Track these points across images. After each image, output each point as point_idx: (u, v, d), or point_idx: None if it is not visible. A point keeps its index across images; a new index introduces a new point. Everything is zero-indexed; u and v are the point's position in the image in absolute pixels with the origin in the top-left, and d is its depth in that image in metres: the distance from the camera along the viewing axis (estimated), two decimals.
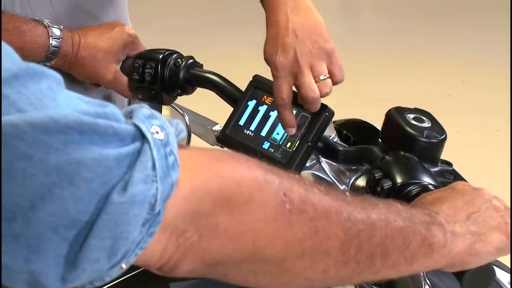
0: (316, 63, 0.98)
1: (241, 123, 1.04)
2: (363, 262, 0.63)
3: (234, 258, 0.56)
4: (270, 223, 0.56)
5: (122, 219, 0.47)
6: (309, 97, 0.97)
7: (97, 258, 0.48)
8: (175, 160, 0.50)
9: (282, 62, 0.98)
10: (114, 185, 0.47)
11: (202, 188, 0.52)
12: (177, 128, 0.53)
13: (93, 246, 0.47)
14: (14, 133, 0.44)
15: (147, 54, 1.15)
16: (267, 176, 0.56)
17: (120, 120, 0.49)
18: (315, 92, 0.97)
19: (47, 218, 0.45)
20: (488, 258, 0.74)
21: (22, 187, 0.44)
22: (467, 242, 0.72)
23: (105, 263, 0.48)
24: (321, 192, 0.61)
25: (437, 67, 4.08)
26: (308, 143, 0.98)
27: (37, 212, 0.45)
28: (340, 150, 1.02)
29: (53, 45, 1.11)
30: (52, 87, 0.47)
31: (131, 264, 0.50)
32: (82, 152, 0.45)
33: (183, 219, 0.51)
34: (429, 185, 0.85)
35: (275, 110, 1.02)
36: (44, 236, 0.46)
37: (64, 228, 0.46)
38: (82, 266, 0.48)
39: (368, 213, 0.63)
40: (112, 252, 0.48)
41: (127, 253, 0.49)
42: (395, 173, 0.86)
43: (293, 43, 0.99)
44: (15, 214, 0.44)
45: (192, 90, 1.14)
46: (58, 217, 0.45)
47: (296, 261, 0.59)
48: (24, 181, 0.44)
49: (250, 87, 1.06)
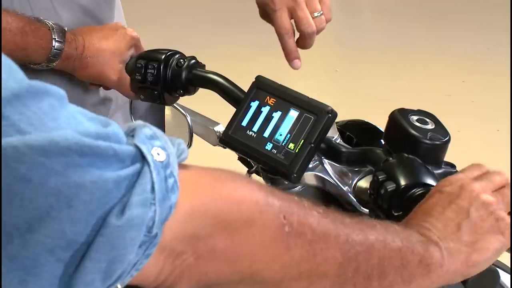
0: (311, 0, 1.05)
1: (243, 124, 1.04)
2: (360, 284, 0.63)
3: (230, 280, 0.56)
4: (269, 246, 0.56)
5: (118, 242, 0.47)
6: (308, 32, 1.04)
7: (92, 280, 0.48)
8: (174, 183, 0.50)
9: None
10: (112, 207, 0.47)
11: (201, 210, 0.52)
12: (178, 148, 0.53)
13: (88, 268, 0.47)
14: (13, 155, 0.43)
15: (149, 54, 1.15)
16: (268, 199, 0.56)
17: (121, 141, 0.49)
18: (313, 26, 1.04)
19: (44, 240, 0.45)
20: (488, 263, 0.74)
21: (20, 209, 0.44)
22: (463, 256, 0.70)
23: (100, 285, 0.48)
24: (320, 215, 0.60)
25: (437, 67, 4.08)
26: (311, 144, 0.98)
27: (34, 234, 0.45)
28: (343, 151, 1.01)
29: (55, 47, 1.11)
30: (54, 105, 0.47)
31: (125, 284, 0.50)
32: (81, 174, 0.45)
33: (180, 241, 0.51)
34: (433, 187, 0.85)
35: (278, 111, 1.02)
36: (40, 257, 0.45)
37: (60, 249, 0.46)
38: (76, 287, 0.47)
39: (366, 234, 0.63)
40: (107, 275, 0.48)
41: (123, 275, 0.49)
42: (399, 175, 0.86)
43: None
44: (12, 235, 0.44)
45: (194, 90, 1.14)
46: (54, 239, 0.45)
47: (293, 283, 0.59)
48: (22, 203, 0.44)
49: (252, 88, 1.06)
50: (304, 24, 1.04)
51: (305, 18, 1.04)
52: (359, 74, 3.97)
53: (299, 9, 1.04)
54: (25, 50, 1.09)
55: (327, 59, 3.85)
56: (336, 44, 4.32)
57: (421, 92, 3.62)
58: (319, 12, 1.05)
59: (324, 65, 3.93)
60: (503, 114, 3.29)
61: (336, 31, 4.63)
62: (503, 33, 4.30)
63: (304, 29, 1.03)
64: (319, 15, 1.05)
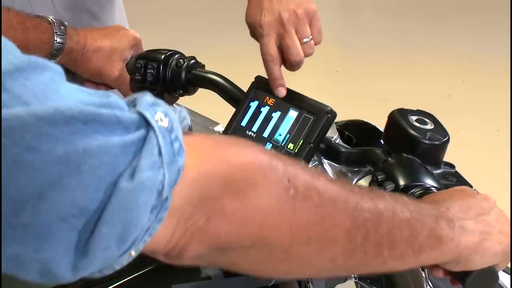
0: (301, 25, 1.01)
1: (243, 124, 1.04)
2: (371, 252, 0.63)
3: (241, 243, 0.56)
4: (275, 209, 0.56)
5: (131, 205, 0.47)
6: (296, 60, 1.00)
7: (108, 246, 0.48)
8: (180, 146, 0.50)
9: (268, 21, 1.00)
10: (122, 173, 0.47)
11: (208, 173, 0.52)
12: (180, 115, 0.53)
13: (103, 233, 0.47)
14: (20, 125, 0.44)
15: (149, 54, 1.15)
16: (272, 162, 0.56)
17: (124, 109, 0.49)
18: (301, 55, 1.00)
19: (56, 208, 0.45)
20: (493, 259, 0.74)
21: (31, 178, 0.44)
22: (476, 238, 0.72)
23: (116, 250, 0.48)
24: (328, 181, 0.61)
25: (438, 67, 4.08)
26: (310, 144, 0.98)
27: (46, 202, 0.45)
28: (343, 151, 1.01)
29: (58, 42, 1.12)
30: (54, 79, 0.48)
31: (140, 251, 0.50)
32: (88, 141, 0.46)
33: (190, 204, 0.52)
34: (432, 187, 0.85)
35: (278, 111, 1.02)
36: (53, 226, 0.46)
37: (73, 217, 0.46)
38: (92, 254, 0.48)
39: (375, 203, 0.63)
40: (122, 239, 0.48)
41: (136, 240, 0.49)
42: (398, 175, 0.86)
43: (277, 6, 1.01)
44: (24, 205, 0.45)
45: (194, 90, 1.14)
46: (66, 207, 0.46)
47: (303, 248, 0.59)
48: (33, 172, 0.44)
49: (252, 88, 1.06)
50: (292, 53, 1.00)
51: (293, 46, 1.00)
52: (359, 74, 3.97)
53: (288, 36, 1.00)
54: (27, 46, 1.09)
55: (327, 59, 3.84)
56: (336, 44, 4.32)
57: (421, 92, 3.62)
58: (308, 38, 1.01)
59: (324, 65, 3.93)
60: (504, 114, 3.29)
61: (336, 31, 4.64)
62: (504, 33, 4.30)
63: (291, 57, 1.00)
64: (309, 40, 1.01)
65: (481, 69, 4.03)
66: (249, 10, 1.03)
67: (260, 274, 0.63)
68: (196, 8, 5.26)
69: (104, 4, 1.34)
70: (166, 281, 0.91)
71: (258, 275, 0.63)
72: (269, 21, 1.00)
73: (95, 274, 0.51)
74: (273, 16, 1.00)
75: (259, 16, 1.00)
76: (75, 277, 0.49)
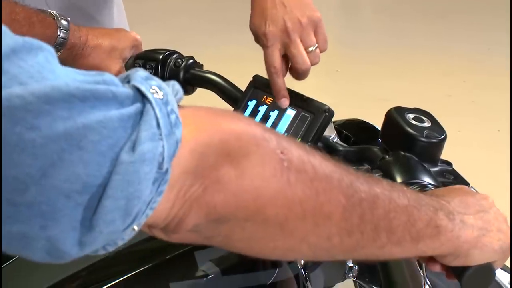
0: (306, 34, 1.00)
1: None
2: (368, 234, 0.63)
3: (237, 215, 0.56)
4: (269, 180, 0.56)
5: (133, 178, 0.48)
6: (302, 69, 1.00)
7: (113, 219, 0.48)
8: (176, 118, 0.51)
9: (273, 31, 0.99)
10: (122, 146, 0.48)
11: (205, 143, 0.53)
12: (174, 88, 0.54)
13: (108, 207, 0.48)
14: (20, 104, 0.44)
15: (147, 54, 1.16)
16: (265, 134, 0.57)
17: (118, 85, 0.50)
18: (307, 63, 0.99)
19: (59, 185, 0.46)
20: (491, 256, 0.75)
21: (33, 156, 0.45)
22: (476, 233, 0.72)
23: (120, 223, 0.49)
24: (323, 158, 0.61)
25: (438, 67, 4.08)
26: (308, 143, 0.98)
27: (48, 179, 0.45)
28: (340, 150, 1.02)
29: (61, 36, 1.13)
30: (49, 59, 0.48)
31: (141, 225, 0.51)
32: (86, 116, 0.46)
33: (188, 175, 0.52)
34: (429, 184, 0.85)
35: (275, 110, 1.02)
36: (58, 203, 0.46)
37: (77, 193, 0.46)
38: (98, 228, 0.48)
39: (371, 185, 0.63)
40: (126, 212, 0.49)
41: (139, 214, 0.49)
42: (395, 173, 0.87)
43: (282, 14, 1.00)
44: (27, 183, 0.45)
45: (192, 90, 1.14)
46: (69, 183, 0.46)
47: (298, 223, 0.59)
48: (34, 151, 0.45)
49: (250, 87, 1.06)
50: (298, 62, 0.99)
51: (299, 55, 0.99)
52: (359, 74, 3.97)
53: (293, 45, 0.99)
54: None
55: (327, 59, 3.84)
56: (336, 44, 4.32)
57: (421, 92, 3.62)
58: (314, 46, 1.00)
59: (324, 65, 3.93)
60: (504, 114, 3.29)
61: (336, 31, 4.64)
62: (504, 33, 4.30)
63: (298, 66, 0.99)
64: (314, 49, 1.00)
65: (481, 69, 4.03)
66: (253, 17, 1.02)
67: (256, 252, 0.63)
68: (196, 8, 5.26)
69: (101, 6, 1.35)
70: (163, 279, 0.91)
71: (254, 254, 0.63)
72: (273, 31, 0.99)
73: (99, 251, 0.51)
74: (277, 25, 0.99)
75: (263, 25, 0.99)
76: (81, 253, 0.49)
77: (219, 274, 0.92)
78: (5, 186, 0.45)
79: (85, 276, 0.88)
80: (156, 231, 0.56)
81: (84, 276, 0.88)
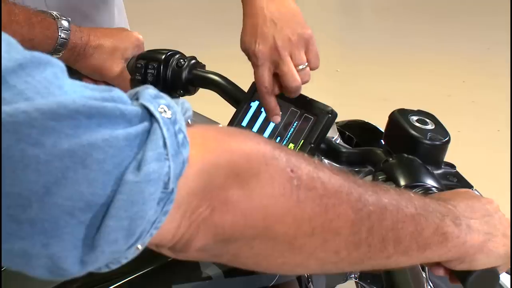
0: (296, 52, 0.99)
1: (244, 124, 1.04)
2: (375, 246, 0.62)
3: (245, 234, 0.55)
4: (279, 199, 0.55)
5: (138, 198, 0.47)
6: (293, 87, 0.99)
7: (115, 239, 0.48)
8: (184, 138, 0.50)
9: (262, 50, 0.99)
10: (127, 166, 0.47)
11: (213, 163, 0.52)
12: (183, 107, 0.54)
13: (111, 227, 0.47)
14: (25, 120, 0.44)
15: (149, 54, 1.15)
16: (275, 152, 0.56)
17: (127, 102, 0.49)
18: (297, 81, 0.99)
19: (63, 202, 0.45)
20: (496, 261, 0.74)
21: (37, 173, 0.44)
22: (482, 238, 0.72)
23: (123, 243, 0.48)
24: (331, 172, 0.60)
25: (438, 67, 4.07)
26: (311, 144, 0.98)
27: (52, 197, 0.45)
28: (343, 151, 1.01)
29: (62, 37, 1.12)
30: (57, 74, 0.48)
31: (146, 245, 0.50)
32: (92, 134, 0.46)
33: (195, 195, 0.51)
34: (433, 187, 0.85)
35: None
36: (61, 220, 0.46)
37: (80, 211, 0.46)
38: (100, 248, 0.48)
39: (379, 196, 0.63)
40: (129, 232, 0.48)
41: (143, 233, 0.49)
42: (399, 176, 0.86)
43: (272, 32, 0.99)
44: (31, 200, 0.45)
45: (194, 90, 1.14)
46: (73, 201, 0.46)
47: (307, 239, 0.58)
48: (38, 167, 0.44)
49: (253, 88, 1.06)
50: (288, 80, 0.98)
51: (289, 73, 0.98)
52: (359, 74, 3.97)
53: (283, 63, 0.98)
54: (32, 41, 1.10)
55: (327, 59, 3.83)
56: (336, 44, 4.32)
57: (421, 92, 3.62)
58: (304, 65, 0.99)
59: (325, 65, 3.92)
60: (504, 114, 3.29)
61: (336, 31, 4.64)
62: (504, 33, 4.30)
63: (288, 84, 0.98)
64: (304, 67, 1.00)
65: (481, 69, 4.03)
66: (243, 35, 1.02)
67: (264, 268, 0.62)
68: (196, 8, 5.26)
69: (101, 8, 1.34)
70: (166, 281, 0.91)
71: (262, 270, 0.63)
72: (263, 50, 0.98)
73: (101, 269, 0.51)
74: (267, 44, 0.98)
75: (253, 44, 0.99)
76: (82, 271, 0.49)
77: (221, 276, 0.92)
78: (8, 202, 0.44)
79: (88, 277, 0.88)
80: (164, 250, 0.55)
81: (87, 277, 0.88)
